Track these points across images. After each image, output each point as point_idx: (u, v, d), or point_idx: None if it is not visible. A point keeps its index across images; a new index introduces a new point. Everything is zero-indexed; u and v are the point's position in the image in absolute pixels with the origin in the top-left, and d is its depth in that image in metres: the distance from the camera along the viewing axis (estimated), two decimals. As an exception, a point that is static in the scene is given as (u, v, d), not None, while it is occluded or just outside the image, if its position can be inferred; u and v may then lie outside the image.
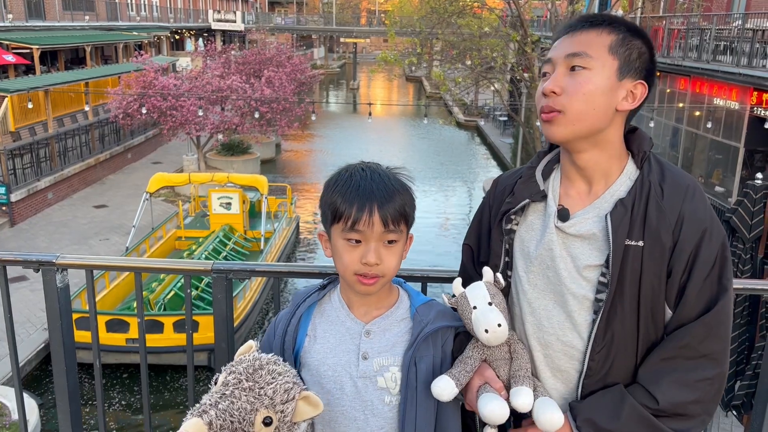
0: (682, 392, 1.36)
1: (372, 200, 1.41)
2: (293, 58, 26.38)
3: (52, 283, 2.05)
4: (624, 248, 1.39)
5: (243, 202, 15.18)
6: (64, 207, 17.63)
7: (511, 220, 1.55)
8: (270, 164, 25.33)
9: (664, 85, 18.08)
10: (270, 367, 1.35)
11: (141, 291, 2.18)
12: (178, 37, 42.91)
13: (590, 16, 1.45)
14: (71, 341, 2.12)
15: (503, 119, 31.37)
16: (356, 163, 1.53)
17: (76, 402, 2.17)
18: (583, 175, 1.49)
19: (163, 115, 19.16)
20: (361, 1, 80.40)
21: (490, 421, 1.38)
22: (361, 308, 1.52)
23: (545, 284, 1.49)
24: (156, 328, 10.15)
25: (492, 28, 18.62)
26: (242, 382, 1.32)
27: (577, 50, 1.40)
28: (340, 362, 1.49)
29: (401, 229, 1.45)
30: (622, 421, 1.37)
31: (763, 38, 13.99)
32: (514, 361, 1.45)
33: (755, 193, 5.72)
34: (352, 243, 1.43)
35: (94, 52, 28.14)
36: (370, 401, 1.47)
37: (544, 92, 1.42)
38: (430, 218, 19.13)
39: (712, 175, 15.95)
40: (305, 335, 1.54)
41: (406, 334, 1.50)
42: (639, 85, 1.43)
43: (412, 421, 1.46)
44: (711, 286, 1.38)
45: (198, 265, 2.15)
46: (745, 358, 5.75)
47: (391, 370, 1.48)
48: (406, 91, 55.85)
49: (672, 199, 1.39)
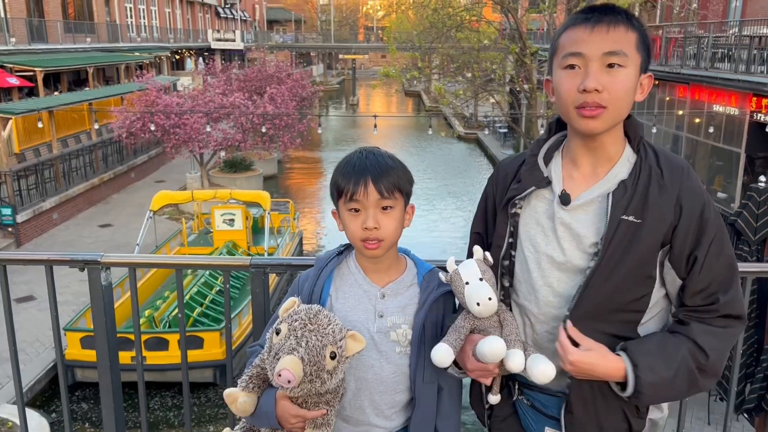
0: (722, 346, 1.53)
1: (366, 173, 1.65)
2: (294, 74, 26.57)
3: (98, 281, 2.16)
4: (618, 222, 1.50)
5: (246, 218, 15.20)
6: (69, 227, 17.70)
7: (516, 204, 1.66)
8: (272, 180, 25.44)
9: (663, 93, 18.19)
10: (323, 312, 1.59)
11: (182, 287, 2.30)
12: (179, 57, 43.24)
13: (610, 9, 1.51)
14: (114, 338, 2.22)
15: (503, 131, 31.49)
16: (356, 149, 1.78)
17: (119, 398, 2.25)
18: (592, 159, 1.60)
19: (167, 134, 19.29)
20: (359, 18, 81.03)
21: (491, 355, 1.50)
22: (375, 274, 1.77)
23: (549, 264, 1.60)
24: (161, 345, 10.15)
25: (491, 40, 18.78)
26: (307, 325, 1.54)
27: (615, 49, 1.47)
28: (360, 319, 1.73)
29: (396, 197, 1.68)
30: (674, 372, 1.49)
31: (760, 44, 14.10)
32: (504, 328, 1.59)
33: (759, 196, 5.76)
34: (353, 213, 1.67)
35: (96, 73, 28.38)
36: (385, 351, 1.72)
37: (586, 89, 1.47)
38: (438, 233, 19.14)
39: (714, 181, 15.99)
40: (328, 295, 1.77)
41: (414, 297, 1.75)
42: (648, 78, 1.55)
43: (422, 367, 1.72)
44: (720, 251, 1.52)
45: (236, 260, 2.24)
46: (754, 360, 5.75)
47: (402, 327, 1.73)
48: (406, 106, 56.08)
49: (671, 177, 1.53)
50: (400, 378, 1.73)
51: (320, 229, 20.40)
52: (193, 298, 11.78)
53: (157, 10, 40.09)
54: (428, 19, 19.64)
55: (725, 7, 20.11)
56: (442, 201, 22.90)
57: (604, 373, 1.51)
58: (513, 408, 1.78)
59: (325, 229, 20.27)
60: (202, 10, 49.91)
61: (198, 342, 10.20)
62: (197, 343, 10.19)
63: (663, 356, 1.50)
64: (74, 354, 10.06)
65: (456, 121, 35.78)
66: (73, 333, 10.10)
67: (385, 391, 1.73)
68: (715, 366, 1.52)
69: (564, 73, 1.52)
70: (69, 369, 10.29)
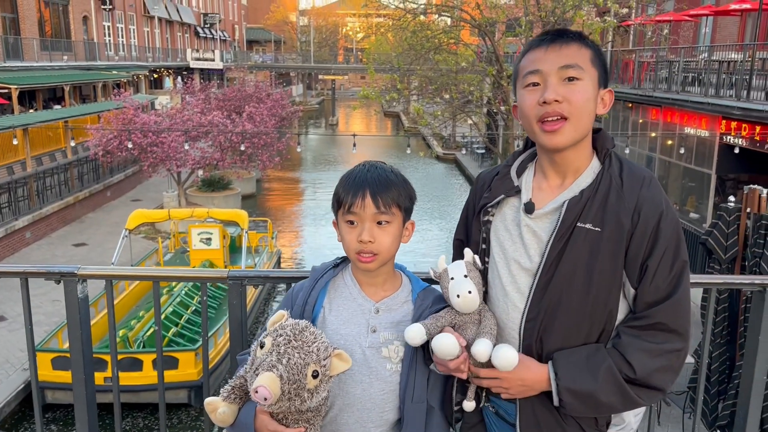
0: (655, 362, 1.51)
1: (365, 187, 1.65)
2: (273, 94, 26.62)
3: (74, 293, 2.14)
4: (574, 228, 1.54)
5: (223, 237, 15.10)
6: (42, 246, 17.41)
7: (488, 212, 1.73)
8: (251, 199, 25.33)
9: (636, 115, 18.56)
10: (310, 329, 1.57)
11: (159, 300, 2.28)
12: (157, 76, 43.10)
13: (563, 31, 1.61)
14: (90, 351, 2.20)
15: (481, 152, 31.82)
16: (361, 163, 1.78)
17: (93, 411, 2.22)
18: (559, 171, 1.66)
19: (144, 152, 19.14)
20: (339, 39, 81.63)
21: (438, 351, 1.56)
22: (370, 288, 1.76)
23: (518, 268, 1.65)
24: (135, 366, 9.97)
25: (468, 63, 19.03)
26: (291, 341, 1.52)
27: (570, 62, 1.55)
28: (352, 333, 1.72)
29: (393, 212, 1.68)
30: (599, 383, 1.51)
31: (728, 69, 14.50)
32: (481, 324, 1.64)
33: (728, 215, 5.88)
34: (350, 225, 1.68)
35: (72, 91, 28.15)
36: (375, 367, 1.70)
37: (545, 101, 1.54)
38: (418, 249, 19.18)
39: (686, 202, 16.30)
40: (321, 307, 1.76)
41: (408, 315, 1.74)
42: (608, 93, 1.62)
43: (412, 386, 1.70)
44: (672, 263, 1.53)
45: (214, 273, 2.24)
46: (726, 377, 5.83)
47: (394, 344, 1.71)
48: (385, 126, 56.40)
49: (630, 187, 1.57)
50: (388, 396, 1.70)
51: (299, 248, 20.32)
52: (168, 317, 11.62)
53: (136, 29, 40.03)
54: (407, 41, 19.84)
55: (695, 32, 20.68)
56: (419, 220, 22.99)
57: (533, 384, 1.56)
58: (481, 415, 1.81)
59: (304, 248, 20.19)
60: (181, 29, 49.92)
61: (173, 362, 10.05)
62: (172, 363, 10.03)
63: (588, 368, 1.52)
64: (45, 375, 9.83)
65: (434, 142, 36.07)
66: (45, 354, 9.89)
67: (372, 409, 1.70)
68: (649, 380, 1.51)
69: (526, 91, 1.61)
70: (40, 390, 10.07)
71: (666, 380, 1.53)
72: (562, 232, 1.56)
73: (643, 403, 1.55)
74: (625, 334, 1.55)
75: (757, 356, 1.97)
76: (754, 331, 1.96)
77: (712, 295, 2.00)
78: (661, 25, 18.87)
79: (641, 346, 1.52)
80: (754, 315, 1.96)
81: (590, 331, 1.58)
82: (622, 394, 1.51)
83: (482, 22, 17.08)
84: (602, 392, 1.51)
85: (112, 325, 2.22)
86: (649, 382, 1.51)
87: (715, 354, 5.68)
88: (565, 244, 1.55)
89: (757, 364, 1.97)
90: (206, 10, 56.56)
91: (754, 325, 1.96)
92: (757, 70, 13.54)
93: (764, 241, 5.10)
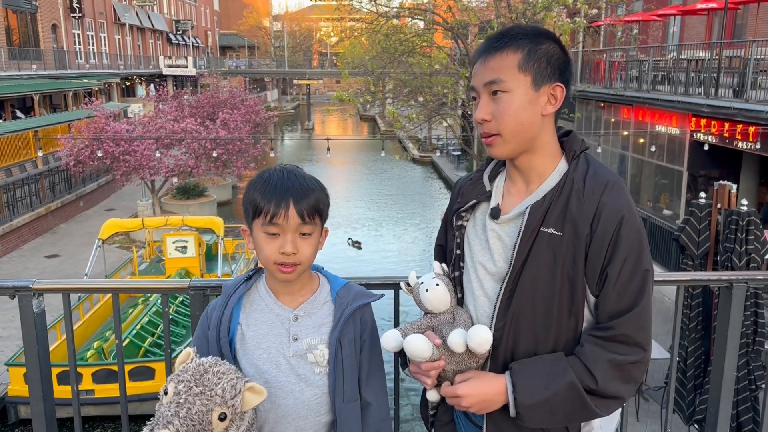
0: (616, 373, 1.49)
1: (288, 196, 1.57)
2: (247, 101, 26.45)
3: (29, 308, 2.06)
4: (537, 233, 1.53)
5: (199, 245, 14.93)
6: (13, 259, 17.06)
7: (462, 217, 1.71)
8: (227, 206, 25.12)
9: (608, 114, 18.77)
10: (213, 369, 1.47)
11: (119, 314, 2.21)
12: (129, 84, 42.58)
13: (494, 38, 1.58)
14: (48, 367, 2.13)
15: (456, 153, 31.99)
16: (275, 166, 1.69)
17: (53, 428, 2.14)
18: (522, 176, 1.65)
19: (116, 161, 18.87)
20: (313, 44, 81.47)
21: (409, 351, 1.55)
22: (286, 296, 1.70)
23: (484, 273, 1.64)
24: (111, 377, 9.82)
25: (442, 65, 19.09)
26: (192, 388, 1.43)
27: (491, 78, 1.54)
28: (274, 345, 1.67)
29: (315, 222, 1.62)
30: (558, 395, 1.48)
31: (697, 67, 14.73)
32: (455, 321, 1.63)
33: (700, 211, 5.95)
34: (270, 236, 1.60)
35: (42, 100, 27.68)
36: (303, 374, 1.66)
37: (476, 120, 1.57)
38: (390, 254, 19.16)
39: (659, 199, 16.51)
40: (237, 323, 1.69)
41: (329, 316, 1.70)
42: (557, 87, 1.58)
43: (341, 387, 1.67)
44: (634, 272, 1.49)
45: (175, 283, 2.18)
46: (702, 372, 5.90)
47: (319, 348, 1.67)
48: (361, 130, 56.40)
49: (592, 192, 1.53)
50: (322, 399, 1.68)
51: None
52: (144, 327, 11.45)
53: (107, 36, 39.51)
54: (380, 45, 19.88)
55: (664, 32, 21.00)
56: (396, 223, 23.01)
57: (493, 397, 1.53)
58: (452, 414, 1.80)
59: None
60: (153, 36, 49.40)
61: (149, 373, 9.90)
62: (149, 374, 9.89)
63: (547, 378, 1.49)
64: (17, 390, 9.63)
65: (410, 144, 36.15)
66: (17, 368, 9.69)
67: (308, 416, 1.67)
68: (609, 391, 1.48)
69: (474, 105, 1.62)
70: (12, 406, 9.86)
71: (627, 391, 1.51)
72: (527, 237, 1.54)
73: (601, 413, 1.51)
74: (589, 343, 1.51)
75: (726, 352, 1.97)
76: (723, 328, 1.96)
77: (680, 292, 2.00)
78: (630, 25, 19.13)
79: (605, 357, 1.49)
80: (722, 311, 1.96)
81: (557, 338, 1.55)
82: (582, 406, 1.49)
83: (455, 25, 17.17)
84: (558, 403, 1.48)
85: (71, 338, 2.15)
86: (609, 392, 1.49)
87: (690, 349, 5.74)
88: (530, 250, 1.53)
89: (726, 359, 1.97)
90: (178, 17, 56.06)
91: (723, 322, 1.96)
92: (724, 68, 13.77)
93: (735, 236, 5.17)
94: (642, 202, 17.01)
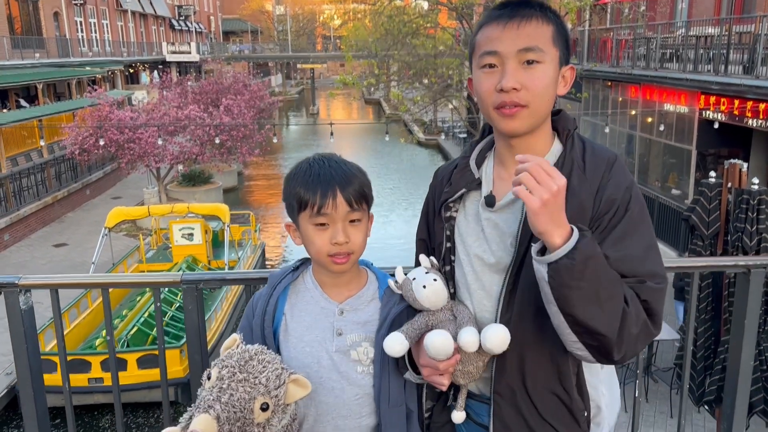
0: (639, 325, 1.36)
1: (333, 184, 1.52)
2: (251, 86, 26.33)
3: (16, 305, 2.02)
4: None
5: (205, 232, 14.95)
6: (21, 248, 17.13)
7: (450, 207, 1.62)
8: (233, 193, 25.11)
9: (616, 93, 18.56)
10: (259, 357, 1.44)
11: (110, 309, 2.16)
12: (133, 71, 42.49)
13: (521, 4, 1.46)
14: (38, 364, 2.08)
15: (462, 136, 31.78)
16: (311, 155, 1.62)
17: (45, 427, 2.10)
18: None
19: (121, 149, 18.86)
20: (316, 27, 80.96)
21: (433, 349, 1.43)
22: (333, 289, 1.65)
23: (481, 265, 1.55)
24: (119, 365, 9.86)
25: (446, 46, 18.91)
26: (236, 374, 1.40)
27: (529, 45, 1.42)
28: (317, 338, 1.61)
29: (363, 208, 1.57)
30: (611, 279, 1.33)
31: (706, 44, 14.51)
32: (457, 317, 1.54)
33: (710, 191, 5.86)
34: (320, 227, 1.55)
35: (46, 89, 27.65)
36: (345, 372, 1.60)
37: (503, 88, 1.42)
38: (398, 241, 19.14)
39: (667, 178, 16.36)
40: (282, 314, 1.65)
41: (375, 313, 1.63)
42: (569, 70, 1.51)
43: (387, 390, 1.60)
44: (646, 246, 1.41)
45: (167, 277, 2.13)
46: (712, 353, 5.84)
47: (363, 345, 1.61)
48: (366, 114, 56.19)
49: (593, 169, 1.46)
50: (364, 400, 1.61)
51: (283, 239, 20.19)
52: (151, 315, 11.49)
53: (109, 23, 39.36)
54: (383, 27, 19.70)
55: (672, 8, 20.68)
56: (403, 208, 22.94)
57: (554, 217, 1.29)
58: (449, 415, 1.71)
59: (288, 239, 20.05)
60: (156, 22, 49.19)
61: (157, 360, 9.95)
62: (157, 362, 9.93)
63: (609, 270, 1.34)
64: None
65: (416, 127, 35.99)
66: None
67: (348, 416, 1.60)
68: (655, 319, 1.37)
69: (482, 72, 1.47)
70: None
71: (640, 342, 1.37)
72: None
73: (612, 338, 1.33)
74: None
75: (743, 339, 1.90)
76: (740, 314, 1.89)
77: (695, 278, 1.93)
78: (637, 2, 18.84)
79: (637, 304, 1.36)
80: (739, 297, 1.90)
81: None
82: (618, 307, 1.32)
83: (459, 5, 16.96)
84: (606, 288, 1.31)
85: (61, 334, 2.10)
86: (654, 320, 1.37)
87: (700, 330, 5.68)
88: (532, 235, 1.41)
89: (744, 347, 1.90)
90: (180, 2, 55.75)
91: (740, 308, 1.90)
92: (734, 44, 13.54)
93: (746, 216, 5.09)
94: (650, 181, 16.86)
